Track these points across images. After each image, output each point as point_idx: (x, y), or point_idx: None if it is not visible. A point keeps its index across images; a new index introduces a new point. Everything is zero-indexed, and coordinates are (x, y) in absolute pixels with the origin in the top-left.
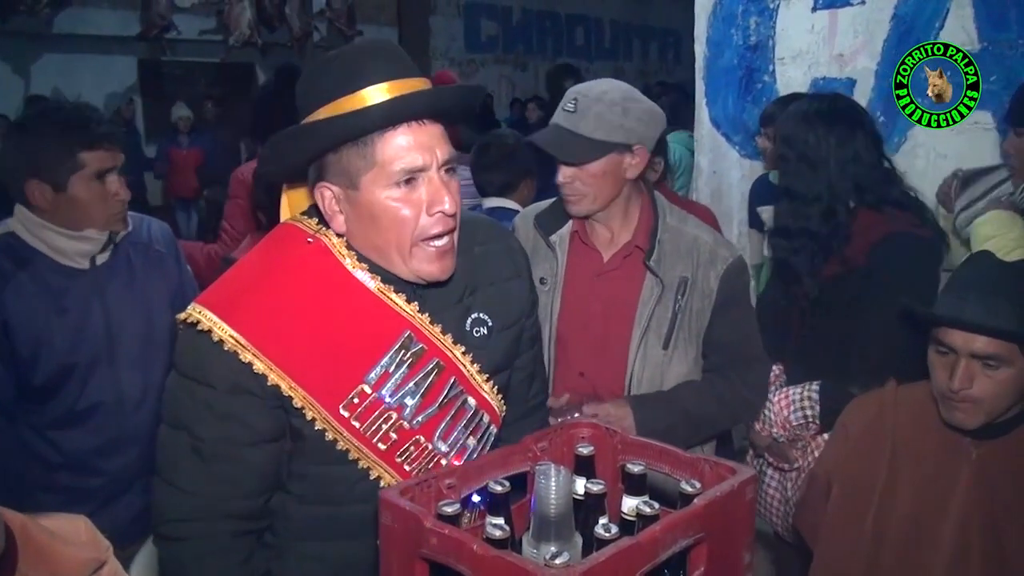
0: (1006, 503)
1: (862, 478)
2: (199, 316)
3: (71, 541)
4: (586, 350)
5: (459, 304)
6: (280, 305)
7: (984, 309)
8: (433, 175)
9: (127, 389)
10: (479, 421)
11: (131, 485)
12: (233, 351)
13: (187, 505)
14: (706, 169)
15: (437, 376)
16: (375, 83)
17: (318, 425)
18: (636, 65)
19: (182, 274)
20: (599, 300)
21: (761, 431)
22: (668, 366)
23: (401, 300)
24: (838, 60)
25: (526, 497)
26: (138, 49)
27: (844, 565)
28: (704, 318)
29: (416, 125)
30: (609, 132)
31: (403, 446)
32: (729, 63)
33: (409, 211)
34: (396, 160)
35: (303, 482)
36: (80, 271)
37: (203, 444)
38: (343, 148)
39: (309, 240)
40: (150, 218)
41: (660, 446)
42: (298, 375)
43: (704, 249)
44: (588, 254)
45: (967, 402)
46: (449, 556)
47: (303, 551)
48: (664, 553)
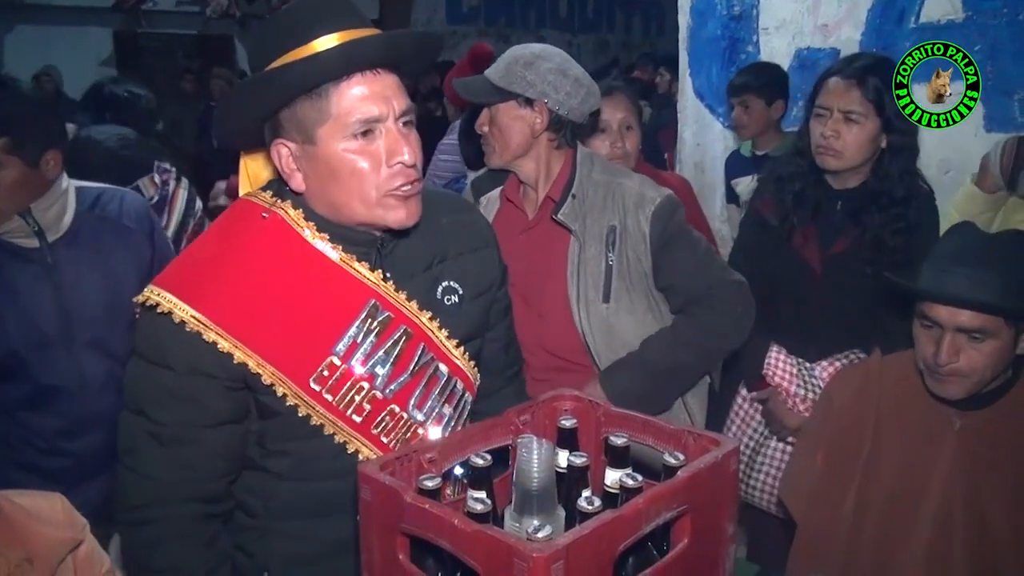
0: (989, 472)
1: (847, 448)
2: (158, 298)
3: (47, 520)
4: (519, 309)
5: (427, 272)
6: (240, 282)
7: (969, 283)
8: (391, 126)
9: (89, 371)
10: (453, 388)
11: (102, 467)
12: (196, 331)
13: (147, 490)
14: (689, 141)
15: (406, 343)
16: (325, 33)
17: (290, 401)
18: (619, 37)
19: (156, 250)
20: (522, 259)
21: (801, 409)
22: (616, 318)
23: (364, 269)
24: (822, 30)
25: (508, 471)
26: (113, 21)
27: (828, 534)
28: (645, 263)
29: (371, 75)
30: (510, 81)
31: (378, 416)
32: (713, 33)
33: (368, 163)
34: (352, 111)
35: (281, 459)
36: (31, 249)
37: (162, 428)
38: (297, 102)
39: (264, 215)
40: (124, 191)
41: (643, 418)
42: (265, 351)
43: (629, 194)
44: (514, 213)
45: (953, 375)
46: (430, 530)
47: (287, 530)
48: (648, 525)
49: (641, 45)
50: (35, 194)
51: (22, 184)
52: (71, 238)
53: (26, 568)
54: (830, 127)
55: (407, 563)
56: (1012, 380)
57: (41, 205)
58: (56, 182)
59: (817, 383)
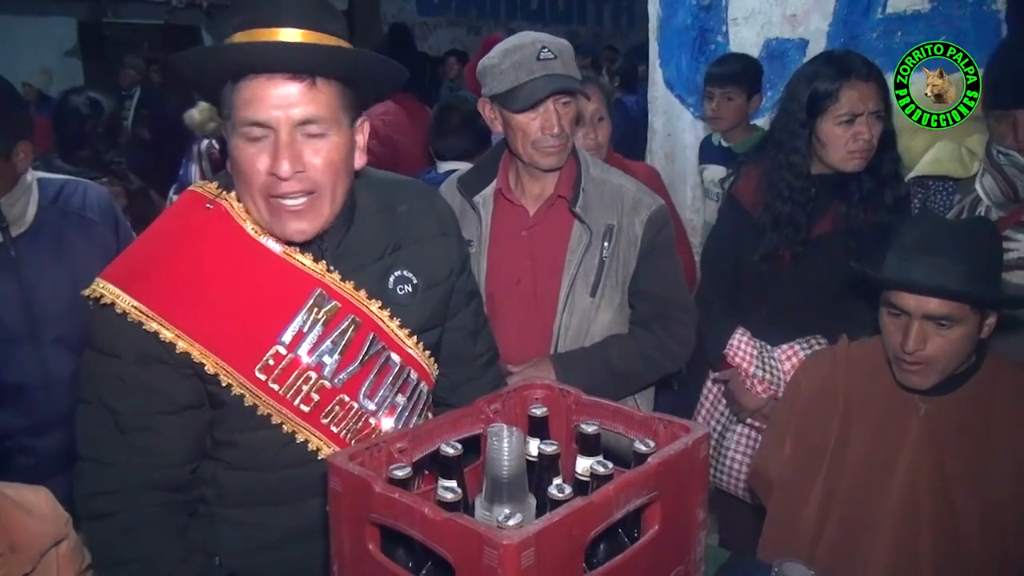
0: (954, 457)
1: (815, 434)
2: (102, 290)
3: (33, 513)
4: (518, 305)
5: (379, 262)
6: (183, 272)
7: (933, 270)
8: (282, 135)
9: (55, 369)
10: (406, 378)
11: (66, 464)
12: (137, 321)
13: (110, 478)
14: (660, 131)
15: (354, 332)
16: (276, 26)
17: (235, 391)
18: (591, 28)
19: (122, 243)
20: (527, 254)
21: (759, 391)
22: (595, 313)
23: (308, 260)
24: (791, 20)
25: (479, 460)
26: (78, 10)
27: (797, 519)
28: (630, 266)
29: (279, 78)
30: (576, 73)
31: (327, 406)
32: (682, 23)
33: (252, 165)
34: (243, 109)
35: (231, 449)
36: None
37: (120, 417)
38: (226, 86)
39: (208, 206)
40: (87, 183)
41: (614, 406)
42: (207, 341)
43: (628, 197)
44: (513, 210)
45: (920, 363)
46: (400, 520)
47: (237, 518)
48: (618, 512)
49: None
50: (5, 187)
51: None
52: (35, 232)
53: (8, 558)
54: (869, 129)
55: (377, 553)
56: (975, 365)
57: (8, 199)
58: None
59: (776, 366)
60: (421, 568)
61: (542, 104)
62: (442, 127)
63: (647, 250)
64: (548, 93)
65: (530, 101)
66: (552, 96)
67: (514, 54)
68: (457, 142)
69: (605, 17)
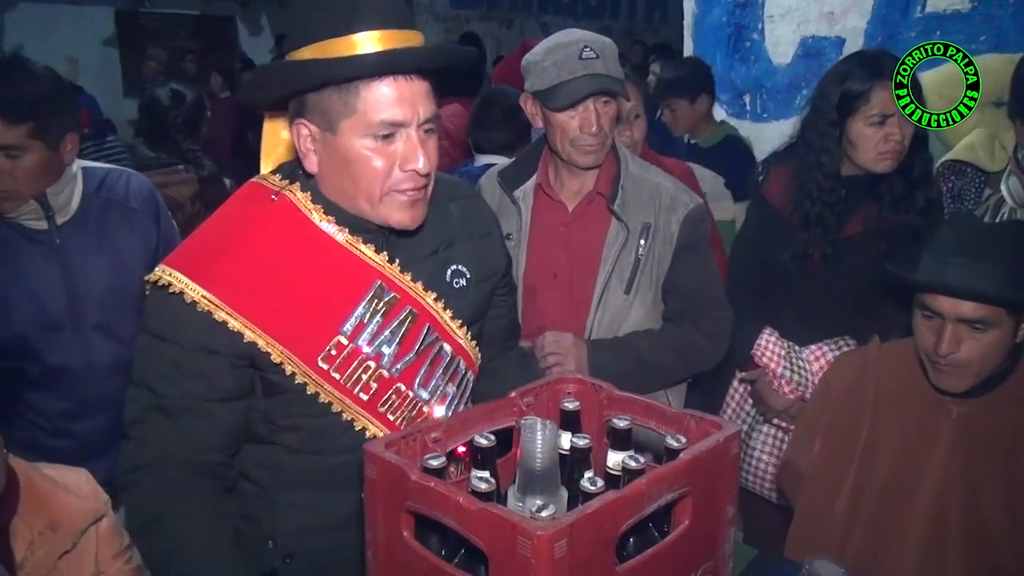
0: (985, 459)
1: (844, 435)
2: (169, 278)
3: (73, 491)
4: (555, 299)
5: (435, 256)
6: (249, 263)
7: (969, 273)
8: (412, 132)
9: (95, 355)
10: (456, 367)
11: (105, 449)
12: (207, 311)
13: (152, 451)
14: None
15: (412, 323)
16: (367, 30)
17: (299, 379)
18: (623, 24)
19: (162, 232)
20: (565, 249)
21: (786, 391)
22: (628, 311)
23: (370, 251)
24: (828, 18)
25: (511, 452)
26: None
27: (825, 519)
28: (665, 263)
29: (403, 79)
30: (619, 73)
31: (385, 394)
32: (718, 20)
33: (382, 163)
34: (377, 111)
35: (293, 434)
36: (39, 231)
37: (168, 400)
38: (326, 90)
39: (273, 197)
40: (130, 172)
41: (646, 401)
42: (274, 331)
43: (666, 195)
44: (552, 206)
45: (954, 366)
46: (435, 508)
47: (294, 501)
48: (650, 507)
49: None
50: (54, 178)
51: (44, 168)
52: (78, 220)
53: (49, 536)
54: (900, 130)
55: (411, 540)
56: (1010, 368)
57: (54, 189)
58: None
59: (804, 367)
60: (454, 556)
61: (582, 103)
62: (483, 120)
63: (682, 247)
64: (587, 93)
65: (570, 100)
66: (592, 96)
67: (556, 52)
68: (497, 135)
69: (638, 11)
